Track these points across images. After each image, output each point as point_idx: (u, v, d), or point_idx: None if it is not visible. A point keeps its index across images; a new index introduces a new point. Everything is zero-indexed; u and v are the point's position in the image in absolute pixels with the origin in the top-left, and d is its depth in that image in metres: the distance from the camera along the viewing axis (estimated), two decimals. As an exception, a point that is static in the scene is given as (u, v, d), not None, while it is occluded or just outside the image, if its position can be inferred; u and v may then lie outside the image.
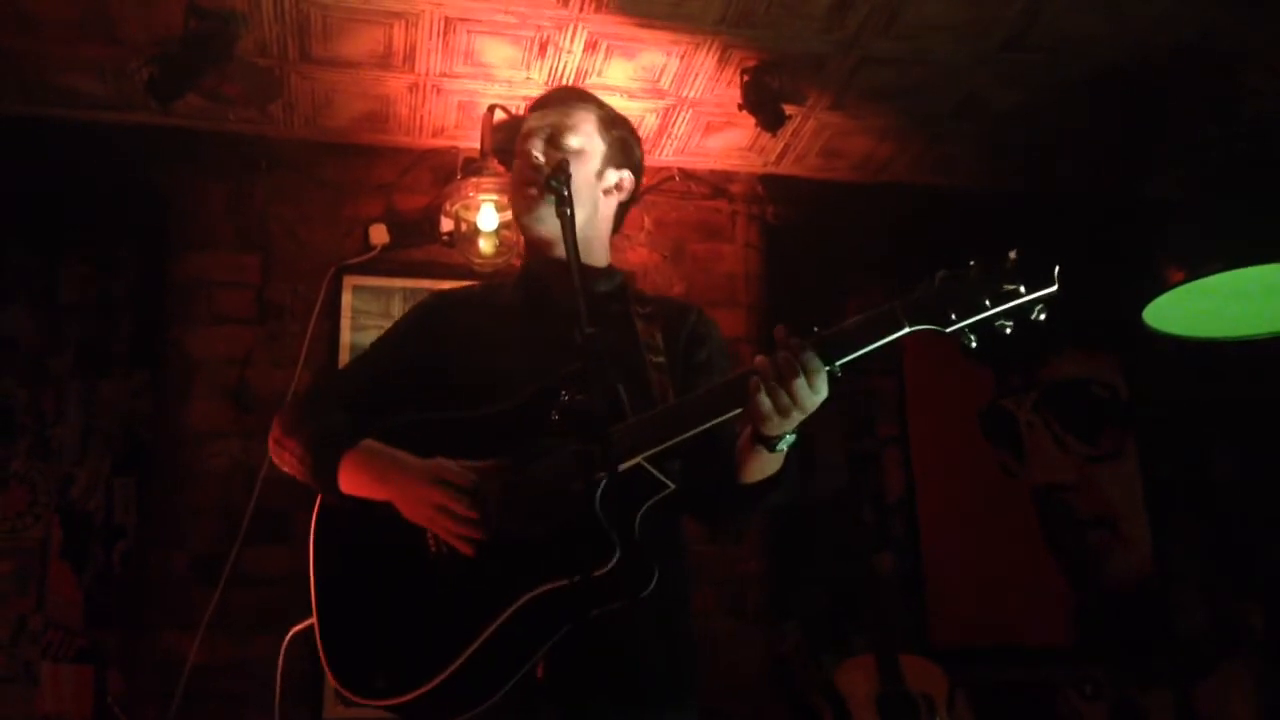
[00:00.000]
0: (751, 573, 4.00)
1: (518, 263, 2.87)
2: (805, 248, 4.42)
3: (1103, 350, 4.67)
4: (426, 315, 2.14)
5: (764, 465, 1.80)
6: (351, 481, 1.86)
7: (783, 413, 1.64)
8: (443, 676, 1.70)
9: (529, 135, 2.07)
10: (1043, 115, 4.06)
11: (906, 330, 1.65)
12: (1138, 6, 3.46)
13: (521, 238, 2.21)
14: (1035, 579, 4.37)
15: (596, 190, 2.08)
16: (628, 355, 1.95)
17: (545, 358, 1.85)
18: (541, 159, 2.00)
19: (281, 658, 2.83)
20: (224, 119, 3.92)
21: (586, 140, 2.07)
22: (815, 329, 1.67)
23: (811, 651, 4.03)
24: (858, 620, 4.10)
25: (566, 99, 2.13)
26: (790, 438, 1.72)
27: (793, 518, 4.17)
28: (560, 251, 1.88)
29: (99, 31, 3.46)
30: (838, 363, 1.65)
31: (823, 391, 1.65)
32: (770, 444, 1.72)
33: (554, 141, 2.04)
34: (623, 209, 2.17)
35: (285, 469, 1.99)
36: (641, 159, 2.19)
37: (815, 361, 1.63)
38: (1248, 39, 3.62)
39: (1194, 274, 3.11)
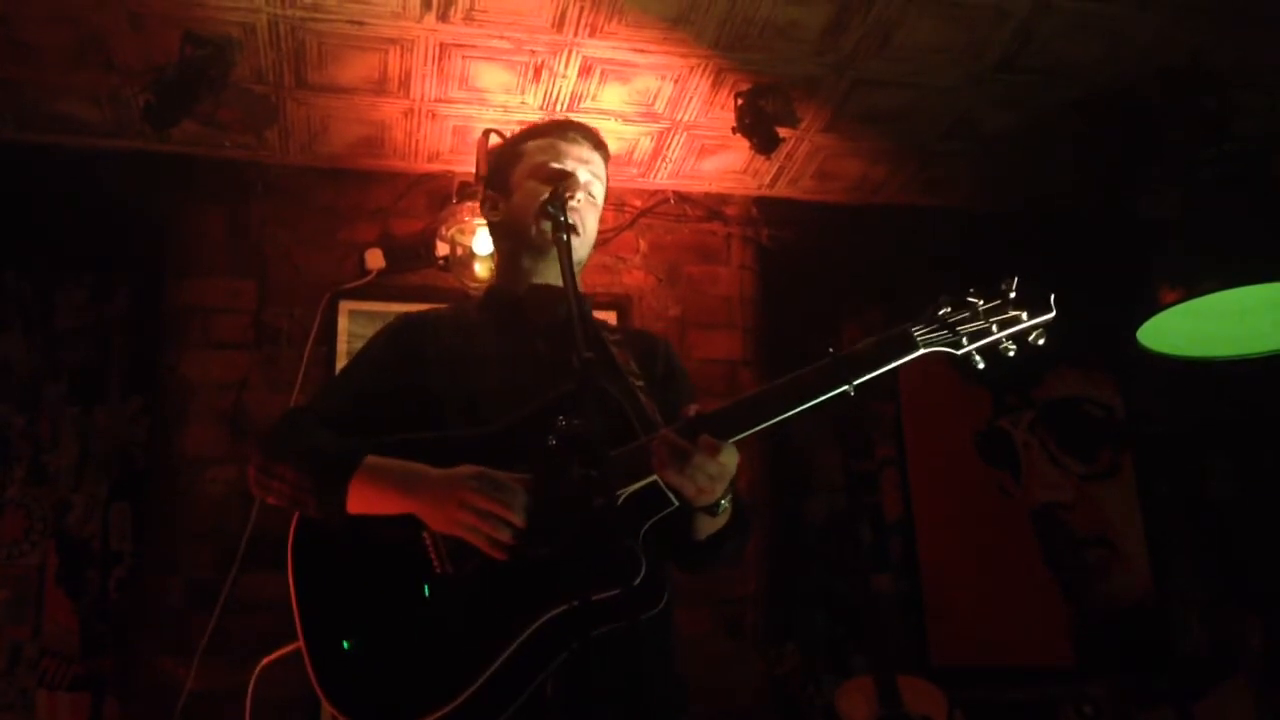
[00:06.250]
0: (750, 594, 3.99)
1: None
2: (801, 269, 4.42)
3: (1099, 369, 4.67)
4: (400, 336, 2.12)
5: (713, 523, 1.86)
6: (364, 498, 1.80)
7: (704, 491, 1.71)
8: (460, 699, 1.67)
9: (576, 160, 2.12)
10: (1035, 136, 4.09)
11: (921, 352, 1.78)
12: (1129, 29, 3.49)
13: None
14: (1034, 598, 4.36)
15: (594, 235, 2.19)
16: (616, 378, 1.98)
17: (524, 376, 1.94)
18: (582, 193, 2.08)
19: (252, 686, 2.81)
20: (220, 145, 3.93)
21: (603, 192, 2.19)
22: (830, 350, 1.77)
23: (810, 673, 4.02)
24: (857, 641, 4.09)
25: (599, 147, 2.19)
26: (725, 503, 1.79)
27: (791, 539, 4.17)
28: (549, 276, 2.08)
29: (95, 59, 3.47)
30: (855, 382, 1.76)
31: (730, 458, 1.72)
32: (711, 510, 1.79)
33: (589, 187, 2.12)
34: None
35: (271, 498, 1.92)
36: None
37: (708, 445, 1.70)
38: (1238, 60, 3.65)
39: (1187, 294, 3.11)
